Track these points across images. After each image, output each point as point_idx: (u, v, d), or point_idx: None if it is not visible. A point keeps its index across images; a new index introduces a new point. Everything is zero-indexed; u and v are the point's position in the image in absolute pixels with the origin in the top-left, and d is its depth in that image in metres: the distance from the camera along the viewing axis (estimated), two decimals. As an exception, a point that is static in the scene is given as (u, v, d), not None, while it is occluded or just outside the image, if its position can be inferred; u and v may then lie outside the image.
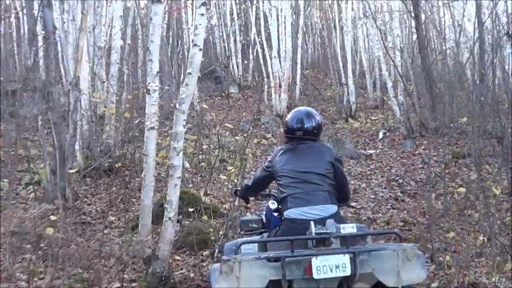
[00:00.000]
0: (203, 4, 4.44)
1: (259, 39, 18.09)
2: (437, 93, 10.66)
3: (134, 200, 6.79)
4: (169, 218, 4.53)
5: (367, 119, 13.39)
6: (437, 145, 8.28)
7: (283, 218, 3.01)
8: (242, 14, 21.57)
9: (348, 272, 2.47)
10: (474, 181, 7.01)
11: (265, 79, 16.32)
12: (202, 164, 9.00)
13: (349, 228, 2.62)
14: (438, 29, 12.59)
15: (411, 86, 12.01)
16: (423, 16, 11.66)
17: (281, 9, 14.05)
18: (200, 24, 4.53)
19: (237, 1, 21.42)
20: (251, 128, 12.70)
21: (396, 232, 2.70)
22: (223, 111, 16.01)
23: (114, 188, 6.95)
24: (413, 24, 12.11)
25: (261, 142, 10.90)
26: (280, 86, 13.47)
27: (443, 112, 10.09)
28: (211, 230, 5.35)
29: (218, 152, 6.51)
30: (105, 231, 6.31)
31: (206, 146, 10.07)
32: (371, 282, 2.61)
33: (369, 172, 8.44)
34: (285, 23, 13.38)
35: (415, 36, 12.06)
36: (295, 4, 18.52)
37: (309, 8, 20.14)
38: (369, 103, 15.50)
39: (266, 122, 12.88)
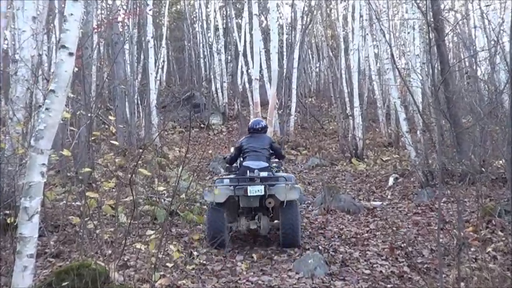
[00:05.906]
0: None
1: (245, 60, 17.07)
2: (464, 128, 9.44)
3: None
4: (12, 319, 3.30)
5: (377, 160, 12.11)
6: (463, 197, 7.02)
7: (242, 165, 7.03)
8: (230, 29, 20.61)
9: (262, 193, 6.50)
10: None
11: (251, 108, 15.23)
12: (143, 217, 7.80)
13: (264, 174, 6.73)
14: (467, 44, 11.38)
15: (432, 119, 10.80)
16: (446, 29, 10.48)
17: (266, 22, 12.93)
18: (71, 15, 3.35)
19: (223, 15, 20.52)
20: (222, 170, 11.51)
21: (285, 178, 6.82)
22: (199, 146, 14.95)
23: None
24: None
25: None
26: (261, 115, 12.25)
27: (473, 153, 8.86)
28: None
29: (134, 207, 5.17)
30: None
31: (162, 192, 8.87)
32: (276, 201, 6.60)
33: (367, 234, 7.09)
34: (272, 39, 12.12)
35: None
36: (292, 17, 17.53)
37: (311, 24, 19.10)
38: (381, 140, 14.25)
39: (243, 161, 11.63)
